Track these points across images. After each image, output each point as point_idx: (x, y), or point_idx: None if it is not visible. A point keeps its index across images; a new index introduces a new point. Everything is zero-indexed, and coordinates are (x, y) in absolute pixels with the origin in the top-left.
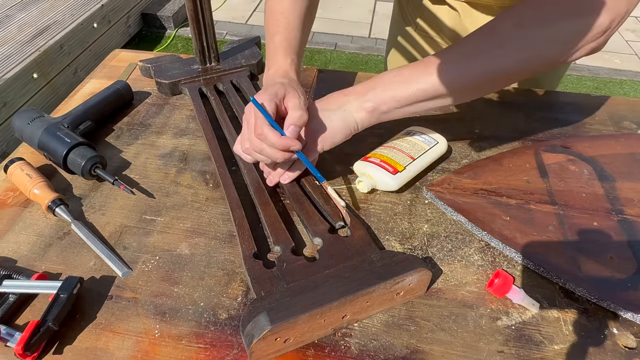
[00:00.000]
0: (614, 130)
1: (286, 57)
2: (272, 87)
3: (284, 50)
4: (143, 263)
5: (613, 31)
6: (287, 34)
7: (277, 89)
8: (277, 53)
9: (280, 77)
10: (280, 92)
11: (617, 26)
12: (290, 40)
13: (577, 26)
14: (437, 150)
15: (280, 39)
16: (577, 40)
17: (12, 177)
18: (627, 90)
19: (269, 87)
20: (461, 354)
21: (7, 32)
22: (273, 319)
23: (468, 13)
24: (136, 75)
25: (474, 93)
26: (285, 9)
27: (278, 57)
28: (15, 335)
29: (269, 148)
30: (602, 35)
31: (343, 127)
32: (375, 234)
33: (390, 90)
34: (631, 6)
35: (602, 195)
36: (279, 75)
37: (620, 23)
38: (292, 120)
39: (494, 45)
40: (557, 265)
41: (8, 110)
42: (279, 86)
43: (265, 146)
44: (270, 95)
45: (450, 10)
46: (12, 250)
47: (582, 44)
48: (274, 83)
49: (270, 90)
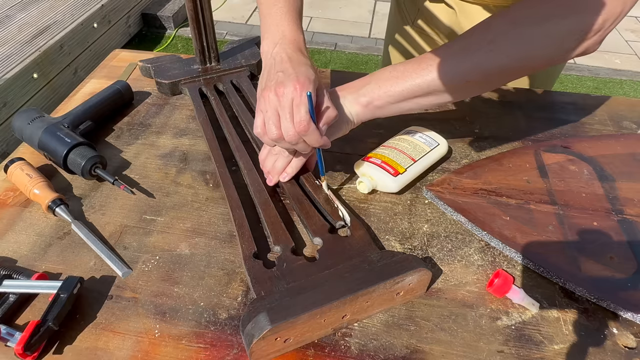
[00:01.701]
0: (614, 130)
1: (292, 23)
2: (306, 71)
3: (290, 16)
4: (143, 263)
5: (607, 31)
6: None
7: (312, 77)
8: (283, 19)
9: (295, 52)
10: (316, 82)
11: (611, 26)
12: (296, 5)
13: (570, 25)
14: (438, 152)
15: (285, 5)
16: (570, 38)
17: (12, 177)
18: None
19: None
20: (461, 353)
21: (7, 32)
22: (273, 319)
23: (464, 11)
24: (136, 75)
25: (469, 90)
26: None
27: (283, 24)
28: (15, 335)
29: (304, 143)
30: (596, 35)
31: (339, 122)
32: (375, 234)
33: (384, 86)
34: (626, 7)
35: (602, 195)
36: (293, 49)
37: (614, 23)
38: (328, 119)
39: (487, 42)
40: (557, 265)
41: (8, 110)
42: (312, 73)
43: (302, 140)
44: (313, 85)
45: (447, 8)
46: (12, 250)
47: (575, 43)
48: (299, 62)
49: (311, 77)
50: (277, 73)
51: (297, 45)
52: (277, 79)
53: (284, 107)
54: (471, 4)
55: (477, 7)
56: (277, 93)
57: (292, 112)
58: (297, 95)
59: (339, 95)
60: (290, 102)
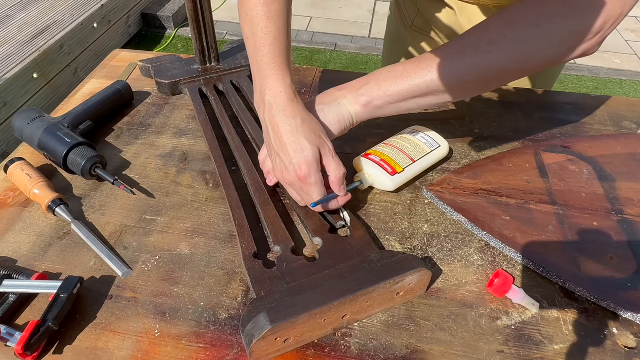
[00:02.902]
0: (614, 130)
1: (278, 72)
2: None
3: (275, 64)
4: (143, 263)
5: (606, 33)
6: (279, 44)
7: (310, 155)
8: (269, 67)
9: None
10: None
11: (611, 28)
12: (281, 49)
13: (569, 26)
14: (438, 154)
15: (270, 50)
16: (569, 40)
17: (12, 177)
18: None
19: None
20: (461, 353)
21: (7, 32)
22: (273, 319)
23: (464, 11)
24: (136, 75)
25: (468, 90)
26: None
27: (269, 74)
28: (15, 335)
29: (301, 191)
30: (595, 37)
31: (338, 121)
32: (375, 234)
33: (383, 86)
34: (625, 9)
35: (602, 195)
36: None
37: (613, 25)
38: (339, 181)
39: (486, 42)
40: (557, 265)
41: (8, 110)
42: (306, 145)
43: (303, 190)
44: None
45: (447, 8)
46: (12, 250)
47: (574, 45)
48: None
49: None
50: (276, 157)
51: (284, 97)
52: (280, 166)
53: (299, 190)
54: (471, 4)
55: (476, 8)
56: (284, 180)
57: (308, 193)
58: (305, 185)
59: (338, 95)
60: (300, 187)
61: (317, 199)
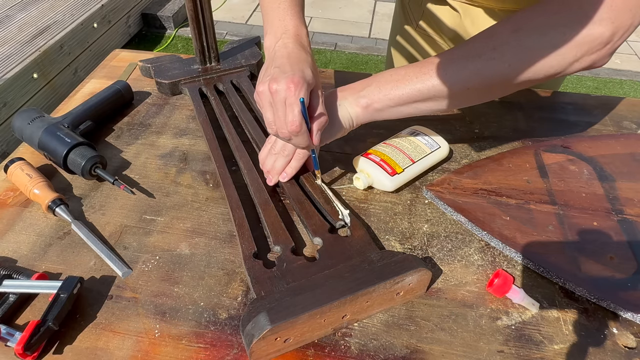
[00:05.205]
0: (614, 130)
1: (295, 18)
2: (303, 70)
3: (293, 11)
4: (143, 263)
5: (616, 44)
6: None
7: (308, 76)
8: (286, 13)
9: (296, 47)
10: (312, 81)
11: (621, 40)
12: (298, 0)
13: (576, 36)
14: (438, 155)
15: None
16: (575, 50)
17: (12, 177)
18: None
19: (298, 66)
20: (461, 353)
21: (7, 32)
22: (273, 319)
23: (469, 14)
24: (136, 75)
25: (469, 98)
26: None
27: (287, 18)
28: (15, 335)
29: (294, 142)
30: (604, 48)
31: (339, 122)
32: (375, 234)
33: (385, 89)
34: (636, 19)
35: (602, 195)
36: (295, 43)
37: (623, 37)
38: (320, 125)
39: (489, 49)
40: (557, 265)
41: (8, 110)
42: (309, 73)
43: (292, 139)
44: (308, 85)
45: (452, 10)
46: (12, 250)
47: (581, 55)
48: (298, 59)
49: (307, 76)
50: (274, 68)
51: (300, 39)
52: (273, 74)
53: (276, 104)
54: (476, 7)
55: (481, 11)
56: (270, 89)
57: (285, 111)
58: (290, 95)
59: (339, 96)
60: (283, 100)
61: (297, 117)
